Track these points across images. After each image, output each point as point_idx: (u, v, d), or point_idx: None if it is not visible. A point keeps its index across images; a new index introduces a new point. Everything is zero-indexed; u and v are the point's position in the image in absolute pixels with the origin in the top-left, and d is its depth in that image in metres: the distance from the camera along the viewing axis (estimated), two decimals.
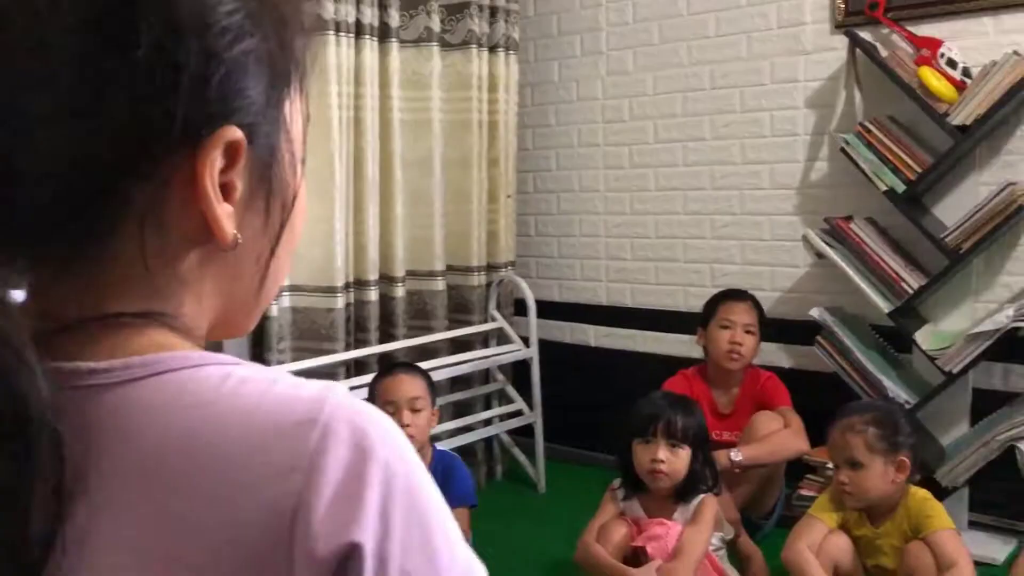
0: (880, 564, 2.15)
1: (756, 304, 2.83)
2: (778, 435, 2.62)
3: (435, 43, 3.08)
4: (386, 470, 0.46)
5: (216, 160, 0.48)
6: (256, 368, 0.49)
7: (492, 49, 3.27)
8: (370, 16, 2.87)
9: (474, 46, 3.17)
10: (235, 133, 0.48)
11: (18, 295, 0.49)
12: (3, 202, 0.46)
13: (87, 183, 0.46)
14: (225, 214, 0.49)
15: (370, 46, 2.88)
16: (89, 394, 0.47)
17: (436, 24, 3.08)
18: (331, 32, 2.73)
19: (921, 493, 2.16)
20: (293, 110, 0.54)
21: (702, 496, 2.18)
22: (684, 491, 2.19)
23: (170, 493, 0.45)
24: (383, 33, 2.94)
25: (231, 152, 0.49)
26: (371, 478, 0.46)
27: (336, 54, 2.75)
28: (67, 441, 0.44)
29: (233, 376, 0.48)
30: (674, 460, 2.14)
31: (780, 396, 2.75)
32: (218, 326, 0.55)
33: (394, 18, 2.96)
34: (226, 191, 0.50)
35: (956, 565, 1.98)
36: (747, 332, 2.75)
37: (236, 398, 0.47)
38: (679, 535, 2.10)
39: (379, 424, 0.48)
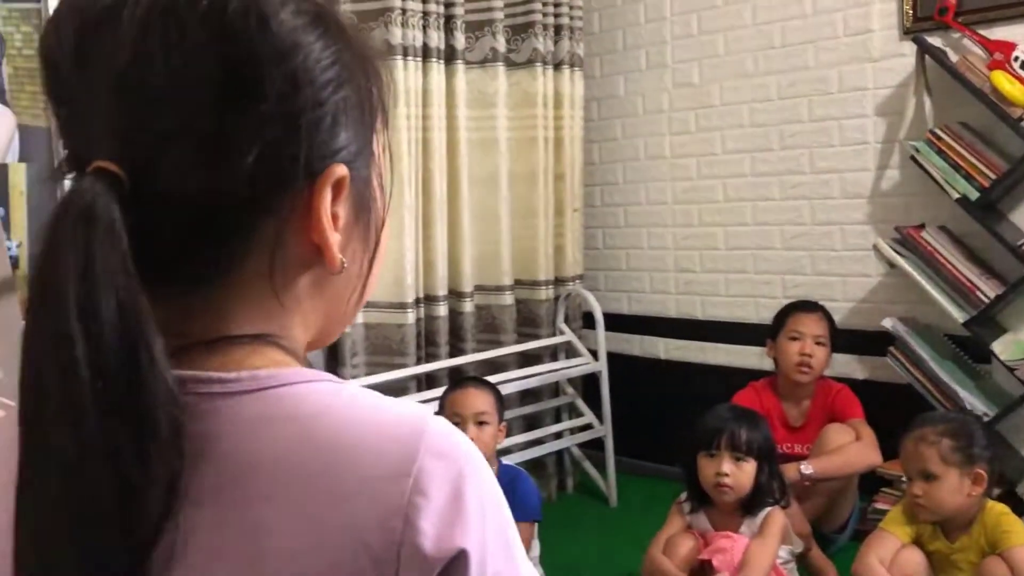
0: None
1: (827, 315, 2.80)
2: (849, 448, 2.58)
3: (500, 63, 3.14)
4: (480, 485, 0.52)
5: (327, 194, 0.55)
6: (359, 388, 0.55)
7: (557, 66, 3.31)
8: (436, 40, 2.95)
9: (539, 64, 3.22)
10: (342, 170, 0.55)
11: None
12: (152, 235, 0.50)
13: (225, 219, 0.52)
14: (336, 242, 0.56)
15: (437, 68, 2.96)
16: (211, 401, 0.51)
17: (501, 44, 3.14)
18: (399, 57, 2.81)
19: (999, 507, 2.10)
20: (380, 144, 0.61)
21: (769, 509, 2.17)
22: (750, 504, 2.18)
23: (288, 495, 0.49)
24: (449, 55, 3.02)
25: (338, 186, 0.55)
26: (470, 491, 0.51)
27: (404, 78, 2.83)
28: (192, 445, 0.48)
29: (345, 391, 0.54)
30: (739, 474, 2.14)
31: (852, 408, 2.71)
32: (314, 341, 0.61)
33: (460, 40, 3.03)
34: (333, 220, 0.56)
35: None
36: (817, 344, 2.72)
37: (350, 409, 0.52)
38: (745, 548, 2.09)
39: (467, 443, 0.54)
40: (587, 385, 3.40)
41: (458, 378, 2.77)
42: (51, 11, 2.01)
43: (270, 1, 0.52)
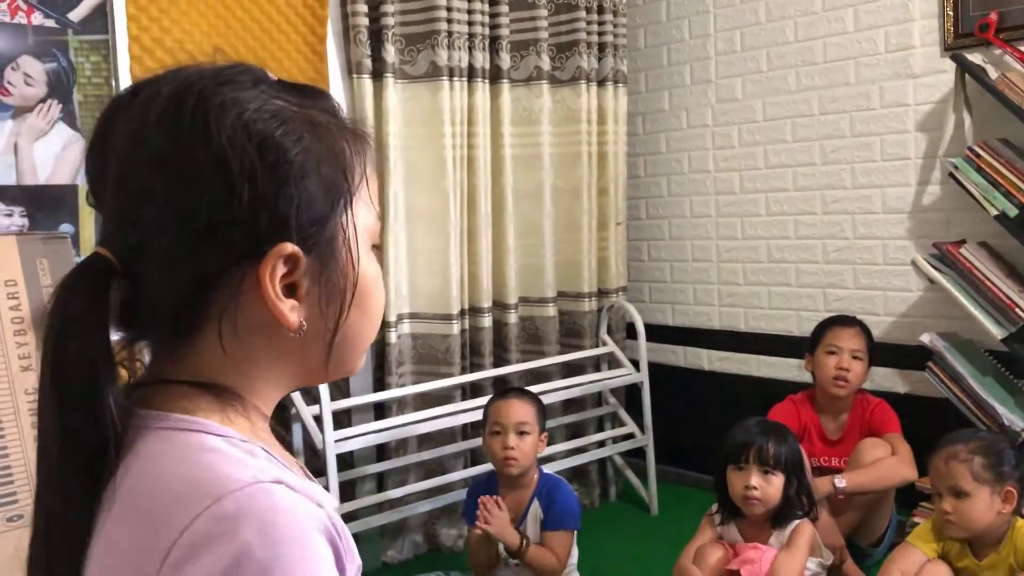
0: None
1: (864, 329, 2.82)
2: (884, 462, 2.60)
3: (545, 81, 3.23)
4: (237, 551, 0.56)
5: (278, 267, 0.65)
6: (237, 448, 0.64)
7: (601, 83, 3.39)
8: (482, 60, 3.05)
9: (583, 81, 3.30)
10: (287, 248, 0.65)
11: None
12: (138, 301, 0.67)
13: (184, 290, 0.66)
14: (287, 308, 0.66)
15: (482, 88, 3.06)
16: (139, 433, 0.65)
17: (546, 63, 3.23)
18: (445, 78, 2.92)
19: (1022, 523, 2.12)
20: (350, 215, 0.70)
21: (797, 522, 2.22)
22: (779, 516, 2.23)
23: (128, 515, 0.62)
24: (494, 75, 3.12)
25: (292, 260, 0.66)
26: (218, 551, 0.56)
27: (449, 98, 2.94)
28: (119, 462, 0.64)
29: (205, 445, 0.64)
30: (767, 487, 2.19)
31: (889, 423, 2.73)
32: (304, 381, 0.74)
33: (505, 60, 3.13)
34: (294, 289, 0.67)
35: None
36: (855, 358, 2.75)
37: (187, 461, 0.63)
38: (773, 560, 2.14)
39: (267, 513, 0.58)
40: (629, 395, 3.47)
41: (501, 389, 2.86)
42: (119, 42, 2.15)
43: (221, 108, 0.64)
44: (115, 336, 0.68)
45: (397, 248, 2.92)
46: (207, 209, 0.63)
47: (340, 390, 2.90)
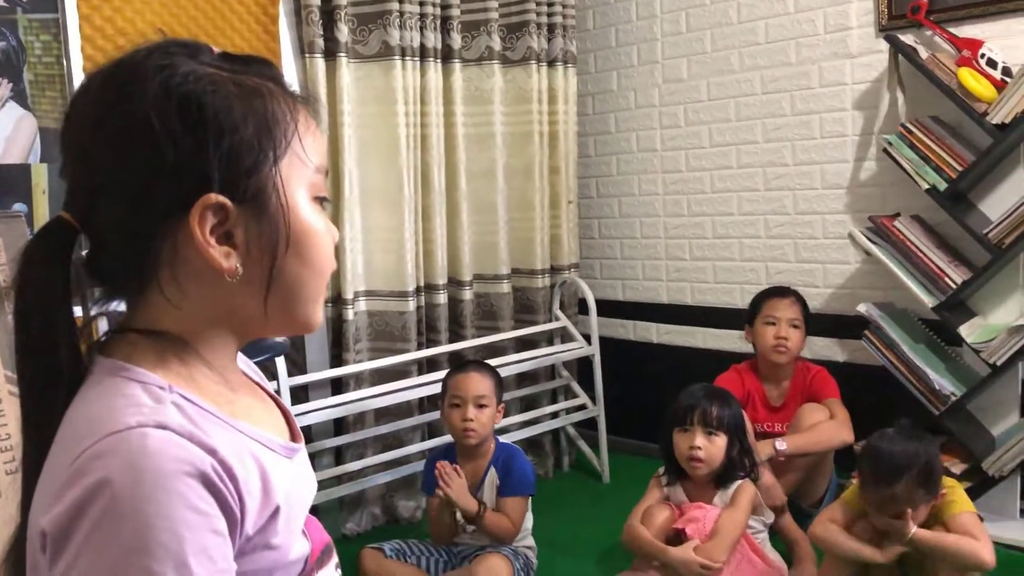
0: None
1: (800, 299, 2.94)
2: (822, 426, 2.73)
3: (496, 61, 3.28)
4: (96, 484, 0.63)
5: (207, 217, 0.72)
6: (146, 394, 0.70)
7: (551, 63, 3.45)
8: (434, 40, 3.10)
9: (533, 62, 3.36)
10: (212, 199, 0.72)
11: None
12: (100, 257, 0.75)
13: (131, 244, 0.73)
14: (219, 253, 0.73)
15: (434, 67, 3.10)
16: (91, 377, 0.74)
17: (497, 43, 3.29)
18: (397, 57, 2.96)
19: (947, 483, 2.19)
20: (279, 168, 0.75)
21: (740, 482, 2.32)
22: (722, 477, 2.33)
23: (51, 459, 0.70)
24: (446, 55, 3.16)
25: (222, 210, 0.72)
26: (79, 484, 0.64)
27: (402, 77, 2.98)
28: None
29: (117, 390, 0.71)
30: (710, 447, 2.30)
31: (828, 389, 2.85)
32: (249, 328, 0.79)
33: (456, 40, 3.18)
34: (230, 237, 0.73)
35: (978, 541, 2.05)
36: (792, 327, 2.87)
37: (96, 404, 0.70)
38: (716, 518, 2.25)
39: (135, 453, 0.64)
40: (581, 368, 3.57)
41: (461, 362, 2.91)
42: (69, 22, 2.17)
43: (148, 76, 0.71)
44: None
45: (352, 227, 2.96)
46: (139, 169, 0.70)
47: (297, 367, 2.95)
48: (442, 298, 3.21)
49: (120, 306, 0.78)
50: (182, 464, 0.65)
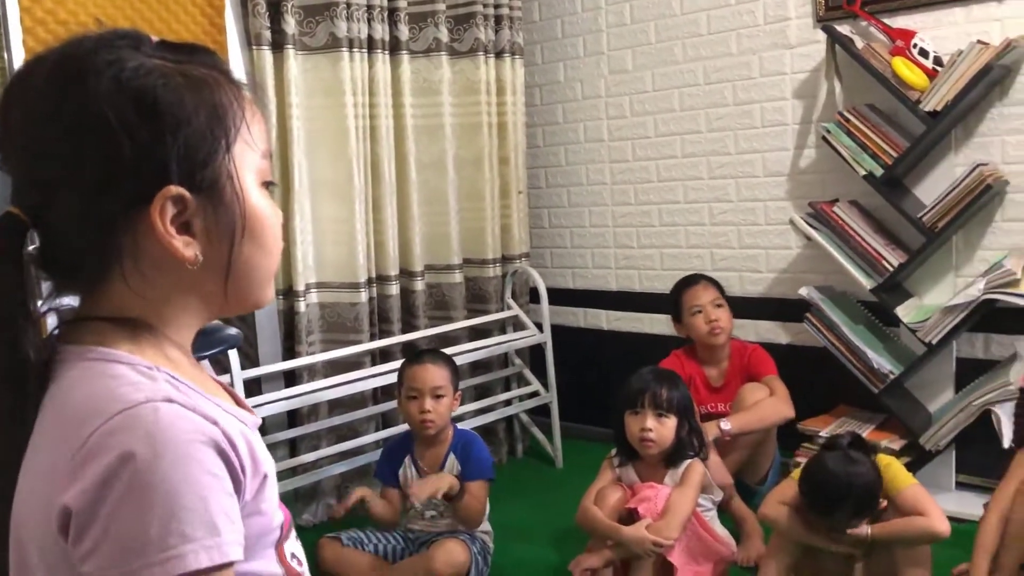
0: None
1: (711, 280, 3.07)
2: (763, 403, 2.82)
3: (444, 52, 3.30)
4: (120, 458, 0.65)
5: (167, 208, 0.74)
6: (137, 374, 0.73)
7: (498, 55, 3.49)
8: (381, 32, 3.11)
9: (481, 53, 3.39)
10: (172, 190, 0.74)
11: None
12: (53, 250, 0.76)
13: (89, 237, 0.74)
14: (181, 243, 0.75)
15: (382, 59, 3.11)
16: (60, 366, 0.75)
17: (444, 35, 3.31)
18: (344, 49, 2.96)
19: (884, 460, 2.27)
20: (232, 157, 0.78)
21: (689, 461, 2.39)
22: (672, 457, 2.40)
23: (45, 437, 0.72)
24: (394, 46, 3.17)
25: (181, 201, 0.75)
26: (102, 459, 0.66)
27: (350, 69, 2.99)
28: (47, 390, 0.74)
29: (107, 372, 0.73)
30: (661, 428, 2.36)
31: (766, 366, 2.95)
32: (211, 312, 0.82)
33: (404, 32, 3.19)
34: (189, 227, 0.76)
35: (927, 514, 2.13)
36: (717, 307, 2.97)
37: (90, 387, 0.72)
38: (667, 497, 2.31)
39: (152, 427, 0.67)
40: (534, 356, 3.61)
41: (417, 352, 2.91)
42: (8, 12, 2.13)
43: (99, 70, 0.72)
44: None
45: (302, 219, 2.97)
46: (96, 164, 0.71)
47: (250, 359, 2.94)
48: (394, 289, 3.22)
49: (66, 299, 0.80)
50: (196, 433, 0.68)
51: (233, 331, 2.46)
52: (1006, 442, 2.55)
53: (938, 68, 2.74)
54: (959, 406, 2.71)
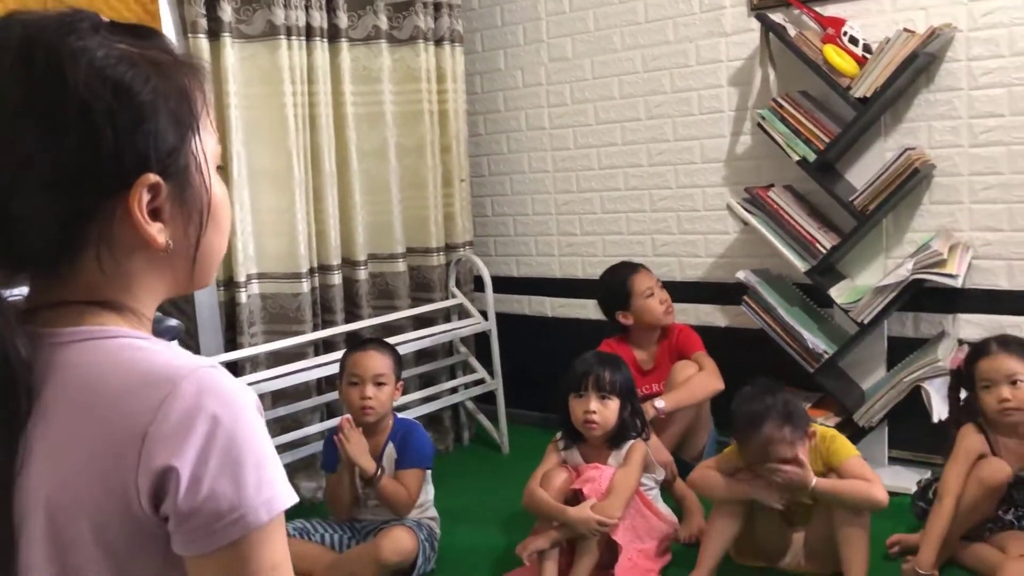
0: (798, 500, 2.37)
1: (644, 267, 3.16)
2: (695, 379, 2.90)
3: (383, 40, 3.29)
4: (212, 421, 0.70)
5: (143, 196, 0.74)
6: (158, 343, 0.75)
7: (438, 43, 3.48)
8: (319, 19, 3.08)
9: (421, 41, 3.39)
10: (151, 178, 0.74)
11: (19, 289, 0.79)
12: (8, 239, 0.74)
13: (59, 225, 0.73)
14: (155, 230, 0.76)
15: (321, 47, 3.09)
16: (55, 349, 0.74)
17: (383, 22, 3.29)
18: (282, 37, 2.94)
19: (828, 433, 2.35)
20: (198, 142, 0.79)
21: (631, 442, 2.43)
22: (616, 438, 2.44)
23: (80, 416, 0.72)
24: (333, 34, 3.15)
25: (155, 188, 0.75)
26: (198, 424, 0.70)
27: (288, 57, 2.96)
28: (35, 379, 0.73)
29: (132, 345, 0.74)
30: (604, 411, 2.40)
31: (693, 344, 3.03)
32: (174, 292, 0.83)
33: (343, 19, 3.17)
34: (159, 213, 0.76)
35: (868, 481, 2.22)
36: (662, 289, 3.07)
37: (126, 360, 0.73)
38: (611, 477, 2.35)
39: (222, 390, 0.72)
40: (479, 344, 3.63)
41: (359, 340, 2.92)
42: None
43: (72, 57, 0.71)
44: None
45: (242, 209, 2.94)
46: (74, 152, 0.71)
47: (191, 351, 2.91)
48: (337, 279, 3.21)
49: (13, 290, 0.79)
50: (247, 395, 0.74)
51: (174, 322, 2.43)
52: (935, 416, 2.64)
53: (867, 55, 2.82)
54: (891, 383, 2.80)
